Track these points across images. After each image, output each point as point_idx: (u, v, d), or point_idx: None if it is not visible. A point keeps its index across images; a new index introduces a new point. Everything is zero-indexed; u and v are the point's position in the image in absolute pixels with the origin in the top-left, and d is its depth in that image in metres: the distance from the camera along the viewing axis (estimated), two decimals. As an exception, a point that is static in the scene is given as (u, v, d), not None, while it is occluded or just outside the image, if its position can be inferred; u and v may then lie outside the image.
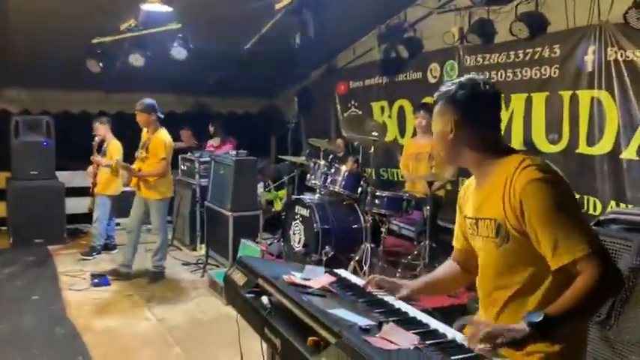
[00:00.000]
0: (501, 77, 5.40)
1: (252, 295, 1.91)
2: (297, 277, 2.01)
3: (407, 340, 1.52)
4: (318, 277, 2.03)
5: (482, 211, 1.76)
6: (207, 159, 6.72)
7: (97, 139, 6.33)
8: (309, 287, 1.94)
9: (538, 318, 1.43)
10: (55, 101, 7.78)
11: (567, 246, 1.51)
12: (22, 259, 6.20)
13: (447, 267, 2.09)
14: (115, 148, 6.31)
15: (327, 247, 4.82)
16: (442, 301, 4.31)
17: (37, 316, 4.57)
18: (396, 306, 1.90)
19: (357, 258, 4.68)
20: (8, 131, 6.94)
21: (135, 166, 5.57)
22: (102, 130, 6.38)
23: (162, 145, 5.44)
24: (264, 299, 1.81)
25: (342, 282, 2.08)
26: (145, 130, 5.61)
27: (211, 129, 8.00)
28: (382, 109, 7.16)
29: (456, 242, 2.03)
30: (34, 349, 3.97)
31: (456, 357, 1.46)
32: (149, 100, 5.53)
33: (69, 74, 6.72)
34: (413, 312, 1.85)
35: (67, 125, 7.36)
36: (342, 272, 2.24)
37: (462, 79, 1.79)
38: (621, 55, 4.33)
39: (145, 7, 5.35)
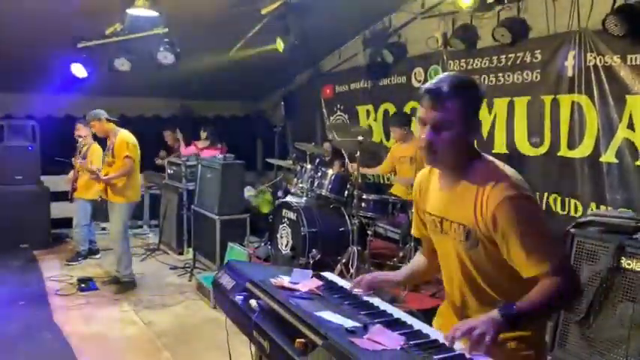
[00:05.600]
0: (484, 82, 5.49)
1: (240, 299, 1.95)
2: (285, 280, 2.06)
3: (392, 340, 1.57)
4: (305, 281, 2.08)
5: (449, 212, 1.82)
6: (194, 162, 6.73)
7: (80, 140, 6.29)
8: (297, 290, 1.99)
9: (512, 311, 1.57)
10: (40, 105, 7.73)
11: (536, 260, 1.63)
12: (7, 264, 6.16)
13: (416, 260, 2.21)
14: (94, 151, 6.26)
15: (314, 250, 4.87)
16: (427, 302, 4.38)
17: (24, 322, 4.54)
18: (381, 308, 1.95)
19: (343, 261, 4.72)
20: (-9, 136, 6.92)
21: (103, 171, 5.48)
22: (84, 131, 6.32)
23: (124, 144, 5.38)
24: (253, 302, 1.85)
25: (328, 285, 2.13)
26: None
27: (203, 134, 7.99)
28: (367, 112, 7.23)
29: (415, 231, 2.14)
30: (21, 355, 3.96)
31: (439, 356, 1.52)
32: (94, 111, 5.56)
33: (54, 78, 6.70)
34: (397, 313, 1.91)
35: (51, 129, 7.34)
36: (328, 275, 2.28)
37: (461, 76, 1.78)
38: (600, 61, 4.44)
39: (132, 11, 5.36)
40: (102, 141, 6.15)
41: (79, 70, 6.36)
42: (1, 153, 6.87)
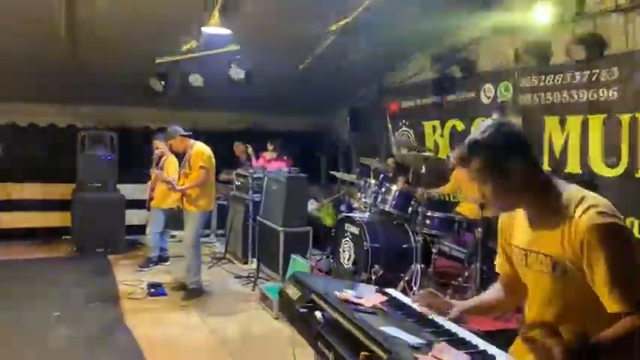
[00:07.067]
0: (557, 99, 5.34)
1: (305, 310, 1.99)
2: (349, 294, 2.08)
3: (457, 359, 1.56)
4: (369, 296, 2.09)
5: (535, 244, 1.79)
6: (261, 175, 6.91)
7: (157, 152, 6.62)
8: (361, 305, 2.01)
9: (592, 346, 1.48)
10: (119, 117, 8.18)
11: (619, 296, 1.56)
12: (84, 267, 6.52)
13: (494, 291, 2.14)
14: (170, 163, 6.57)
15: (376, 265, 4.85)
16: (491, 324, 4.25)
17: (98, 322, 4.80)
18: (445, 326, 1.94)
19: (406, 278, 4.68)
20: (75, 145, 7.38)
21: (179, 182, 5.74)
22: (161, 144, 6.66)
23: (200, 155, 5.60)
24: (318, 314, 1.89)
25: (392, 301, 2.14)
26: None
27: (270, 147, 8.20)
28: (434, 128, 7.17)
29: (500, 268, 2.07)
30: (95, 354, 4.19)
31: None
32: (170, 129, 5.82)
33: (133, 92, 7.09)
34: (462, 333, 1.89)
35: (128, 140, 7.75)
36: (392, 292, 2.29)
37: (488, 127, 1.77)
38: (684, 78, 4.22)
39: (207, 29, 5.60)
40: (178, 153, 6.45)
41: (156, 84, 6.71)
42: (83, 161, 7.32)
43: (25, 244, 7.51)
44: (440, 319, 2.00)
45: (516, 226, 1.92)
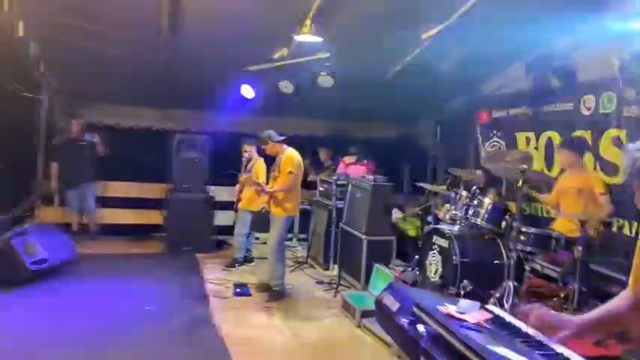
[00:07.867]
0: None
1: (406, 322, 1.94)
2: (451, 309, 2.01)
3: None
4: (473, 312, 2.01)
5: None
6: (344, 182, 6.91)
7: (246, 155, 6.82)
8: (465, 321, 1.93)
9: None
10: (212, 122, 8.50)
11: None
12: (174, 264, 6.81)
13: (613, 304, 1.94)
14: (259, 166, 6.73)
15: (465, 280, 4.69)
16: (588, 349, 3.99)
17: (188, 318, 4.97)
18: (557, 349, 1.82)
19: (497, 295, 4.49)
20: (170, 147, 7.74)
21: (269, 185, 5.88)
22: (251, 149, 6.86)
23: (290, 160, 5.71)
24: (420, 327, 1.84)
25: (497, 319, 2.04)
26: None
27: (351, 150, 8.20)
28: (527, 140, 6.86)
29: (635, 285, 1.90)
30: (184, 349, 4.33)
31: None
32: (263, 134, 5.91)
33: (226, 99, 7.33)
34: (575, 357, 1.77)
35: (220, 144, 8.03)
36: (495, 310, 2.19)
37: None
38: None
39: (298, 37, 5.69)
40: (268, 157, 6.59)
41: (247, 91, 6.91)
42: (177, 163, 7.66)
43: (119, 240, 7.97)
44: (549, 341, 1.88)
45: None
